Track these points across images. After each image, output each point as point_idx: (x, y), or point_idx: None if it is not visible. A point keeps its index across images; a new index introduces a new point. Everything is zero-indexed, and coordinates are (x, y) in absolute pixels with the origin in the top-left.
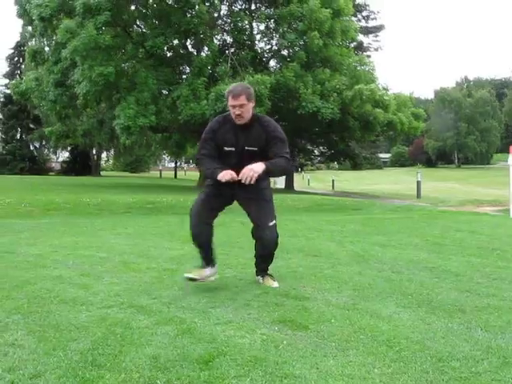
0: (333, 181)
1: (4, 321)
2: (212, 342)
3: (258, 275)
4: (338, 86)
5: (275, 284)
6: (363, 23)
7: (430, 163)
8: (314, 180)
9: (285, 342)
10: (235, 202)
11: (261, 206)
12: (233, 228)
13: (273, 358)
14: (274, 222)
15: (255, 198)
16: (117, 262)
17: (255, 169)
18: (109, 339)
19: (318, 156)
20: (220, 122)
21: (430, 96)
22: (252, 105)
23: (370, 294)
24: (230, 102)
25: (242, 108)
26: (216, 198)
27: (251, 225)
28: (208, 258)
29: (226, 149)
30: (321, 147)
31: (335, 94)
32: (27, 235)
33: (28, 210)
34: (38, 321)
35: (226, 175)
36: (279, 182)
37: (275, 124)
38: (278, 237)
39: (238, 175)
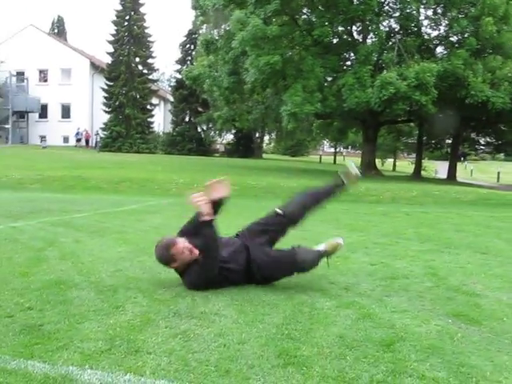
0: (498, 173)
1: (204, 293)
2: (391, 328)
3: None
4: (510, 74)
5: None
6: None
7: None
8: (477, 171)
9: (459, 335)
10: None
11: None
12: (397, 219)
13: (449, 347)
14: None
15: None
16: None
17: None
18: (298, 316)
19: (483, 146)
20: None
21: None
22: (185, 255)
23: None
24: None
25: (179, 266)
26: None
27: (416, 216)
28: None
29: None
30: (487, 137)
31: (506, 82)
32: None
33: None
34: (233, 296)
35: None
36: (441, 171)
37: None
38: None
39: None
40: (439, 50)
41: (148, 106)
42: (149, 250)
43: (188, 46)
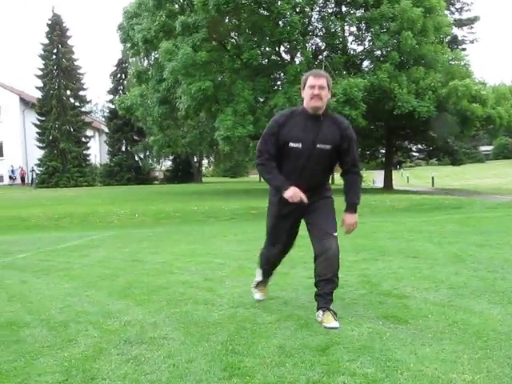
0: (432, 178)
1: (152, 320)
2: (326, 334)
3: (318, 309)
4: (432, 84)
5: (335, 324)
6: (457, 15)
7: None
8: (413, 177)
9: (388, 334)
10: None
11: (328, 215)
12: None
13: (378, 346)
14: (337, 234)
15: (321, 208)
16: (234, 267)
17: (356, 220)
18: (241, 333)
19: (416, 152)
20: (287, 115)
21: None
22: (329, 96)
23: (464, 292)
24: (311, 81)
25: (321, 90)
26: (285, 220)
27: None
28: (271, 273)
29: (291, 145)
30: (418, 144)
31: (430, 91)
32: (148, 244)
33: (141, 220)
34: (180, 319)
35: (295, 196)
36: (378, 181)
37: (348, 122)
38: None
39: (302, 180)
40: (365, 64)
41: (83, 139)
42: (95, 283)
43: (119, 75)
